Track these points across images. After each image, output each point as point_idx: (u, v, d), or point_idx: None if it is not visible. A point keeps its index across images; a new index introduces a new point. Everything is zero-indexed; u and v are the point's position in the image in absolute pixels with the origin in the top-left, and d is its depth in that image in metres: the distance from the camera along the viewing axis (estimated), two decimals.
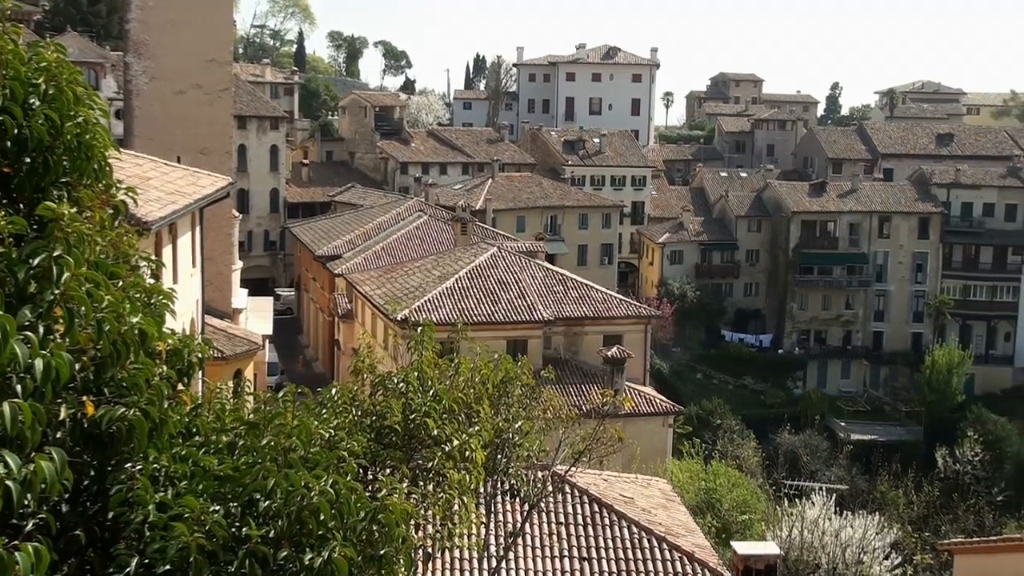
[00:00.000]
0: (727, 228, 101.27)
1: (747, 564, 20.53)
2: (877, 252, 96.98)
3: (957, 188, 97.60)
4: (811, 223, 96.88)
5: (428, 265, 55.19)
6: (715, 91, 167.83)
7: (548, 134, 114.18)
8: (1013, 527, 44.77)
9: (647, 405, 47.35)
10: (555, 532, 21.81)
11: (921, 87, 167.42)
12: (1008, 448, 78.73)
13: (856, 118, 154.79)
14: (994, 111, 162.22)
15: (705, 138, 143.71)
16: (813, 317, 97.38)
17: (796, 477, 57.13)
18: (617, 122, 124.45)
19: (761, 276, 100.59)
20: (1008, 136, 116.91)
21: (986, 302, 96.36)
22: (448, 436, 12.34)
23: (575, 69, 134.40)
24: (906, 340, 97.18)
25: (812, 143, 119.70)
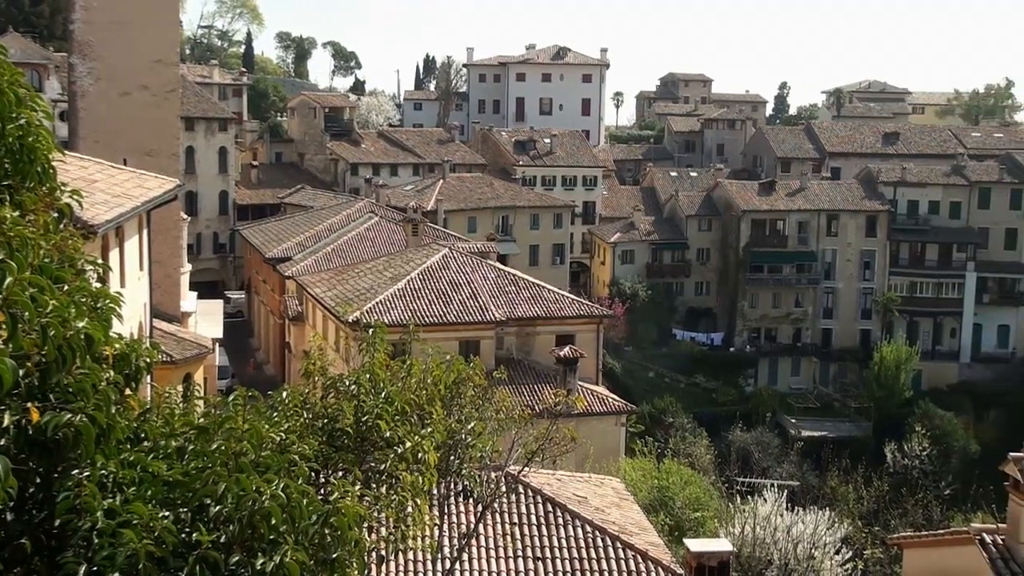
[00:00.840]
0: (678, 227, 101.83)
1: (700, 561, 20.61)
2: (826, 250, 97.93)
3: (903, 186, 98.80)
4: (761, 222, 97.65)
5: (379, 266, 54.98)
6: (664, 91, 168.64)
7: (499, 134, 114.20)
8: (960, 520, 45.34)
9: (600, 404, 47.49)
10: (509, 533, 21.81)
11: (867, 87, 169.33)
12: (955, 442, 79.86)
13: (804, 117, 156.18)
14: (938, 110, 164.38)
15: (655, 138, 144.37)
16: (763, 315, 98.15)
17: (748, 474, 57.52)
18: (567, 122, 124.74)
19: (712, 275, 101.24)
20: (952, 135, 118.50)
21: (932, 299, 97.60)
22: (401, 438, 12.29)
23: (525, 69, 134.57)
24: (855, 337, 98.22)
25: (761, 142, 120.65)
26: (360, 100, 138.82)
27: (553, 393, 37.85)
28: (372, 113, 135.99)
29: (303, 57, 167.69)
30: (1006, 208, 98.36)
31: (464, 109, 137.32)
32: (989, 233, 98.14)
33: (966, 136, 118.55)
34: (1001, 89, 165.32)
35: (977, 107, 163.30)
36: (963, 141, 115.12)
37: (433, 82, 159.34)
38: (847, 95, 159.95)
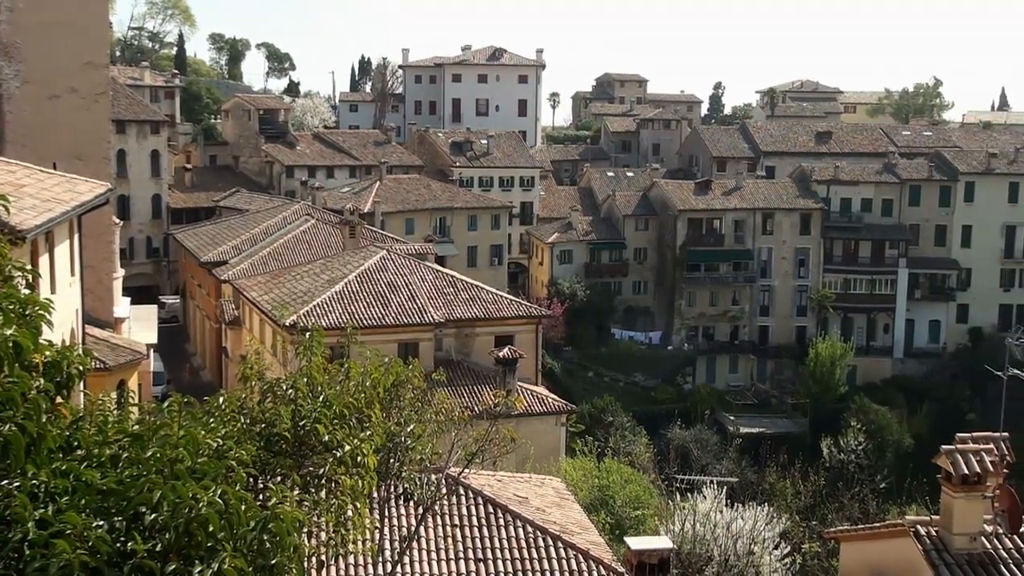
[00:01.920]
0: (615, 227, 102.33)
1: (641, 559, 20.71)
2: (761, 248, 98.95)
3: (836, 184, 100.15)
4: (697, 221, 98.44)
5: (316, 269, 54.61)
6: (600, 91, 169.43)
7: (435, 136, 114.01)
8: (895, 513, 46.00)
9: (539, 405, 47.55)
10: (450, 534, 21.75)
11: (800, 86, 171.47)
12: (889, 436, 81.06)
13: (739, 117, 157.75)
14: (870, 109, 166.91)
15: (592, 138, 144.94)
16: (701, 313, 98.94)
17: (687, 471, 57.81)
18: (504, 123, 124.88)
19: (649, 274, 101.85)
20: (883, 133, 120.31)
21: (865, 295, 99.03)
22: (339, 442, 12.22)
23: (461, 70, 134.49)
24: (791, 334, 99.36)
25: (696, 142, 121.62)
26: (295, 102, 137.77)
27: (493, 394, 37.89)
28: (307, 115, 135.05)
29: (236, 59, 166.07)
30: (936, 205, 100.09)
31: (400, 110, 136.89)
32: (920, 230, 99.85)
33: (896, 135, 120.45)
34: (929, 88, 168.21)
35: (907, 106, 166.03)
36: (894, 140, 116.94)
37: (369, 83, 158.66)
38: (780, 95, 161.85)
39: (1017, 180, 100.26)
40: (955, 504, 17.52)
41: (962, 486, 17.46)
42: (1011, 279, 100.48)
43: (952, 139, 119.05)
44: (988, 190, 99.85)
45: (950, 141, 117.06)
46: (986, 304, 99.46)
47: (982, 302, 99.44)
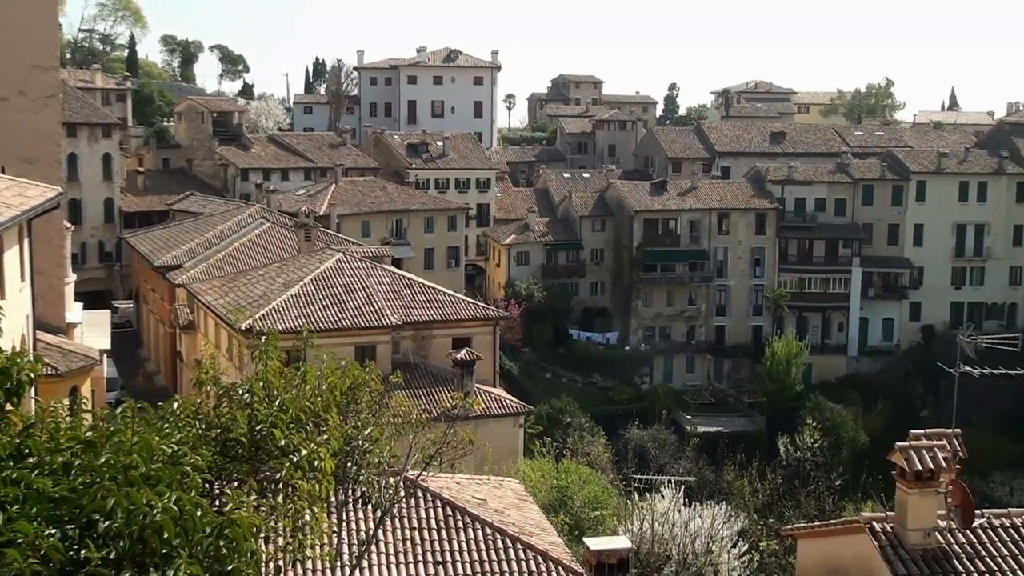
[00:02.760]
0: (572, 228, 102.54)
1: (600, 559, 20.76)
2: (717, 248, 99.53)
3: (791, 184, 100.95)
4: (653, 221, 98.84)
5: (272, 273, 54.28)
6: (556, 93, 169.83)
7: (391, 138, 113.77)
8: (851, 510, 46.35)
9: (497, 406, 47.53)
10: (409, 538, 21.67)
11: (754, 87, 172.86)
12: (844, 434, 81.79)
13: (694, 118, 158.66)
14: (823, 109, 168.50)
15: (547, 139, 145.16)
16: (658, 313, 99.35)
17: (645, 471, 58.02)
18: (460, 125, 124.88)
19: (606, 275, 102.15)
20: (836, 133, 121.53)
21: (820, 294, 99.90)
22: (296, 446, 12.14)
23: (416, 72, 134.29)
24: (747, 333, 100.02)
25: (652, 143, 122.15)
26: (249, 104, 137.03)
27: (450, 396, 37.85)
28: (262, 117, 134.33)
29: (189, 61, 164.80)
30: (888, 204, 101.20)
31: (355, 112, 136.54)
32: (873, 229, 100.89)
33: (849, 135, 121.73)
34: (881, 89, 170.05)
35: (859, 106, 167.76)
36: (846, 140, 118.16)
37: (323, 85, 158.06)
38: (735, 95, 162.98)
39: (967, 179, 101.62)
40: (909, 500, 17.69)
41: (916, 482, 17.63)
42: (962, 277, 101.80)
43: (904, 139, 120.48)
44: (939, 189, 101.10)
45: (902, 141, 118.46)
46: (938, 302, 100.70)
47: (934, 300, 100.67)
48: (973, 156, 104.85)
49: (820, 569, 20.63)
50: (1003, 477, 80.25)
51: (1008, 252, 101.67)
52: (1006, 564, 17.47)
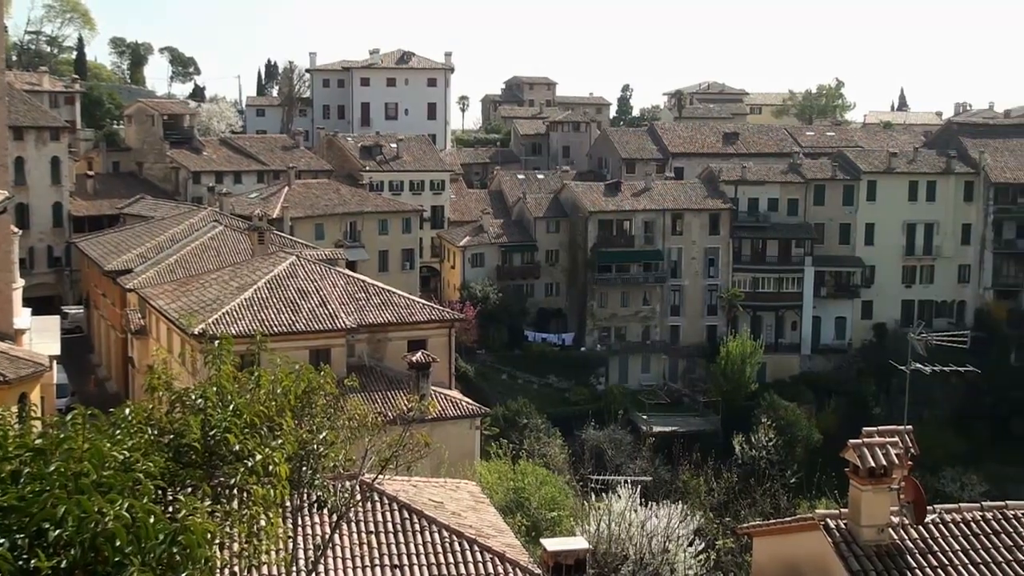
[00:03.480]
0: (526, 229, 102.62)
1: (557, 560, 20.77)
2: (671, 249, 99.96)
3: (744, 185, 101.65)
4: (608, 222, 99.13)
5: (225, 276, 53.84)
6: (509, 94, 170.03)
7: (344, 140, 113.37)
8: (806, 507, 46.77)
9: (453, 408, 47.44)
10: (365, 542, 21.57)
11: (707, 88, 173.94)
12: (798, 432, 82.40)
13: (647, 119, 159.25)
14: (775, 110, 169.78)
15: (501, 141, 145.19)
16: (613, 314, 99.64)
17: (602, 471, 58.20)
18: (414, 127, 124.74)
19: (561, 276, 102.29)
20: (788, 134, 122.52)
21: (773, 293, 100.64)
22: (250, 451, 12.05)
23: (369, 74, 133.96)
24: (701, 333, 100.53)
25: (606, 144, 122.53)
26: (201, 107, 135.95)
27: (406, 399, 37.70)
28: (213, 120, 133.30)
29: (139, 63, 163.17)
30: (839, 204, 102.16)
31: (308, 115, 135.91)
32: (825, 228, 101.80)
33: (801, 135, 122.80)
34: (832, 89, 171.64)
35: (810, 107, 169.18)
36: (798, 140, 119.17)
37: (276, 88, 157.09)
38: (688, 97, 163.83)
39: (917, 179, 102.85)
40: (863, 497, 17.85)
41: (869, 479, 17.79)
42: (912, 276, 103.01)
43: (854, 139, 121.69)
44: (889, 189, 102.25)
45: (852, 141, 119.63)
46: (889, 300, 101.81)
47: (885, 298, 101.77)
48: (922, 156, 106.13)
49: (776, 566, 20.76)
50: (954, 473, 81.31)
51: (956, 250, 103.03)
52: (957, 559, 17.67)
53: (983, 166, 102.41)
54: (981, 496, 68.21)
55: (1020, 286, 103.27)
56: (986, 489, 77.27)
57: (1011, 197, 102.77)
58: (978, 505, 19.12)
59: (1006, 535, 18.24)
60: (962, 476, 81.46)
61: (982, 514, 18.70)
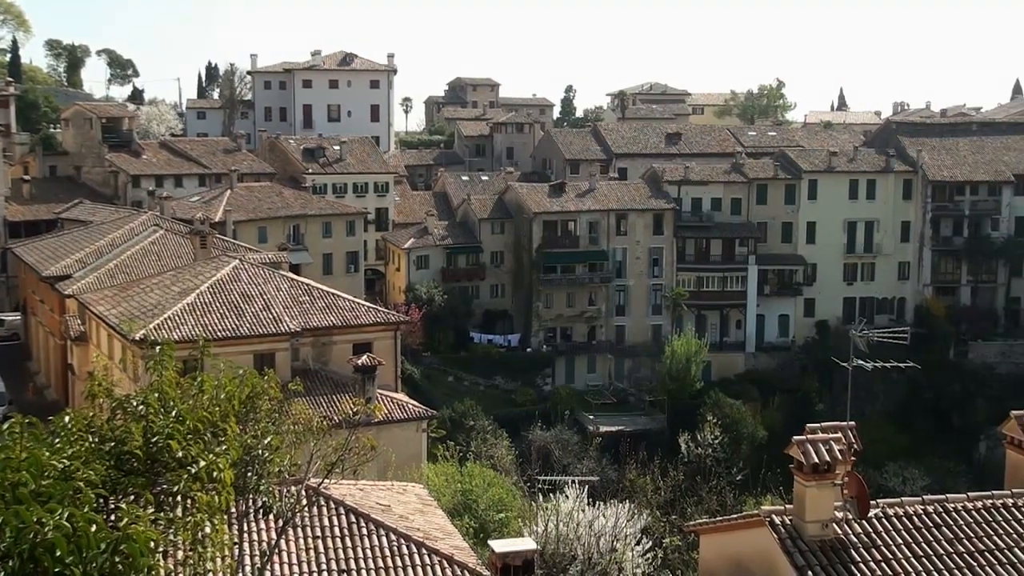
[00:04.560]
0: (471, 231, 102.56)
1: (505, 562, 20.76)
2: (616, 249, 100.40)
3: (687, 185, 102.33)
4: (552, 223, 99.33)
5: (166, 281, 53.23)
6: (453, 96, 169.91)
7: (287, 142, 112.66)
8: (752, 504, 47.09)
9: (400, 411, 47.27)
10: (312, 547, 21.41)
11: (649, 89, 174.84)
12: (744, 429, 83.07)
13: (590, 120, 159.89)
14: (717, 110, 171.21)
15: (445, 143, 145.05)
16: (558, 315, 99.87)
17: (549, 472, 58.31)
18: (357, 129, 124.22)
19: (506, 277, 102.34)
20: (730, 134, 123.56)
21: (718, 292, 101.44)
22: (194, 457, 11.92)
23: (311, 76, 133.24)
24: (647, 332, 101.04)
25: (550, 145, 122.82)
26: (140, 110, 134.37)
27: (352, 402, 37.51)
28: (153, 123, 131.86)
29: (76, 66, 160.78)
30: (781, 203, 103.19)
31: (250, 117, 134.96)
32: (767, 227, 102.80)
33: (743, 135, 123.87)
34: (773, 89, 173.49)
35: (752, 107, 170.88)
36: (740, 140, 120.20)
37: (217, 90, 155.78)
38: (631, 97, 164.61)
39: (857, 178, 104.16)
40: (807, 493, 18.01)
41: (813, 475, 17.96)
42: (853, 273, 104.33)
43: (795, 139, 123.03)
44: (830, 188, 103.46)
45: (793, 141, 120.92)
46: (831, 298, 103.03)
47: (827, 296, 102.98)
48: (862, 155, 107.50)
49: (722, 563, 20.89)
50: (896, 467, 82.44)
51: (896, 248, 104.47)
52: (900, 552, 17.90)
53: (921, 165, 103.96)
54: (923, 490, 69.26)
55: (958, 282, 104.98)
56: (927, 483, 78.47)
57: (948, 195, 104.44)
58: (919, 499, 19.37)
59: (947, 528, 18.51)
60: (904, 470, 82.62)
61: (923, 507, 18.96)
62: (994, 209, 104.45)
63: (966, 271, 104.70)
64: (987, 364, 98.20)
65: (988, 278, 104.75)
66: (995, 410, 76.40)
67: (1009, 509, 19.11)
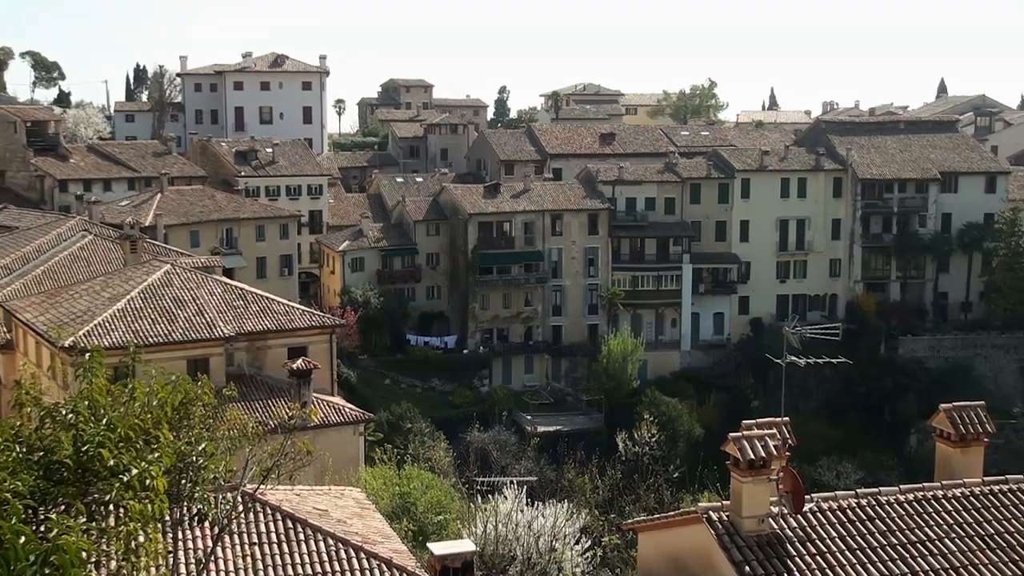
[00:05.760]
0: (406, 233, 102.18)
1: (444, 564, 20.67)
2: (551, 249, 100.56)
3: (621, 184, 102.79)
4: (488, 224, 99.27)
5: (96, 287, 52.32)
6: (386, 97, 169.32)
7: (218, 145, 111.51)
8: (689, 501, 47.44)
9: (336, 415, 46.96)
10: (249, 554, 21.17)
11: (583, 89, 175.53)
12: (680, 427, 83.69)
13: (524, 120, 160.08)
14: (650, 111, 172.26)
15: (379, 144, 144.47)
16: (495, 315, 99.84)
17: (488, 473, 58.23)
18: (289, 131, 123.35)
19: (443, 279, 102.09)
20: (663, 134, 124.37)
21: (653, 291, 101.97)
22: (126, 465, 11.72)
23: (243, 78, 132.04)
24: (583, 332, 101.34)
25: (484, 146, 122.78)
26: (66, 113, 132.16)
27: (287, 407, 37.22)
28: (80, 126, 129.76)
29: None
30: (715, 202, 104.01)
31: (180, 120, 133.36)
32: (701, 226, 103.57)
33: (676, 135, 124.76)
34: (705, 89, 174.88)
35: (684, 107, 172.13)
36: (673, 140, 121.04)
37: (145, 93, 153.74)
38: (564, 98, 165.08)
39: (788, 176, 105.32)
40: (743, 488, 18.15)
41: (749, 471, 18.10)
42: (786, 271, 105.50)
43: (728, 138, 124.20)
44: (762, 186, 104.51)
45: (726, 140, 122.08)
46: (764, 295, 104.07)
47: (761, 293, 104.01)
48: (793, 154, 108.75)
49: (661, 560, 20.99)
50: (829, 462, 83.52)
51: (827, 245, 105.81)
52: (835, 545, 18.11)
53: (851, 163, 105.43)
54: (856, 483, 70.23)
55: (887, 279, 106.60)
56: (860, 476, 79.65)
57: (877, 193, 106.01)
58: (853, 492, 19.61)
59: (880, 520, 18.76)
60: (837, 465, 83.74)
61: (857, 501, 19.20)
62: (921, 206, 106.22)
63: (895, 267, 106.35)
64: (916, 358, 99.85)
65: (916, 274, 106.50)
66: (925, 404, 77.93)
67: (939, 500, 19.43)
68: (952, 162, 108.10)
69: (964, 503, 19.45)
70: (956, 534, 18.66)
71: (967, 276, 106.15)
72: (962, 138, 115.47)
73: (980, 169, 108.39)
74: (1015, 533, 18.82)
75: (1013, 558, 18.25)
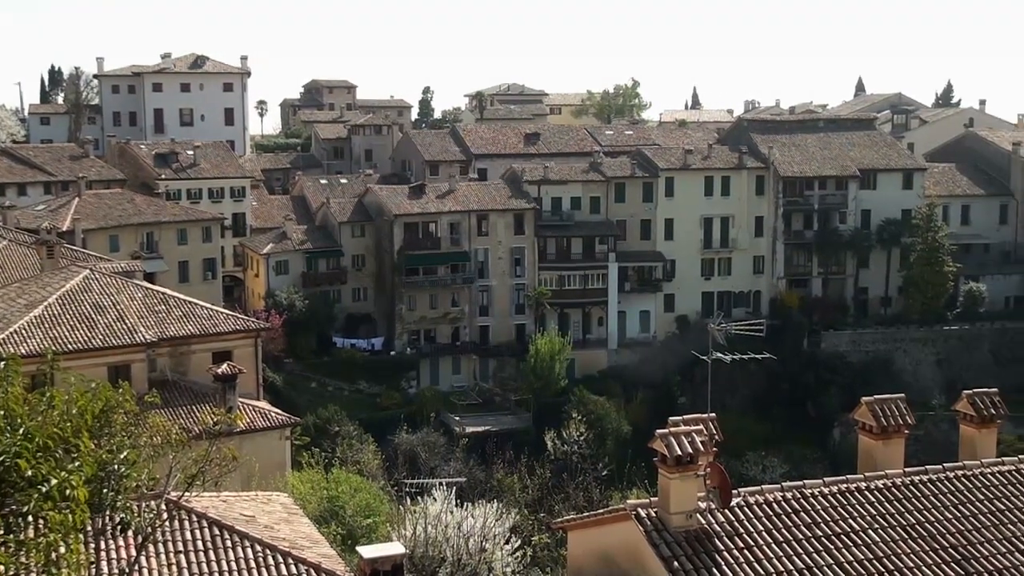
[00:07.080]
0: (331, 235, 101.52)
1: (374, 567, 20.50)
2: (478, 249, 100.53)
3: (546, 184, 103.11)
4: (413, 225, 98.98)
5: (11, 294, 51.20)
6: (309, 98, 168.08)
7: (137, 148, 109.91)
8: (618, 498, 47.72)
9: (262, 420, 46.45)
10: (174, 562, 20.83)
11: (507, 89, 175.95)
12: (608, 425, 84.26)
13: (449, 121, 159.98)
14: (574, 110, 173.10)
15: (302, 146, 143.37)
16: (422, 317, 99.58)
17: (416, 475, 58.17)
18: (211, 133, 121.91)
19: (369, 280, 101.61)
20: (588, 133, 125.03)
21: (579, 290, 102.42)
22: (45, 475, 11.48)
23: (162, 79, 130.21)
24: (510, 332, 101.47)
25: (409, 147, 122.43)
26: None
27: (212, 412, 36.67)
28: None
29: None
30: (639, 201, 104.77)
31: (98, 122, 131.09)
32: (626, 225, 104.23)
33: (600, 134, 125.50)
34: (628, 89, 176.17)
35: (608, 107, 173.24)
36: (598, 139, 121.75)
37: (61, 95, 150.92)
38: (488, 98, 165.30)
39: (711, 174, 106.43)
40: (671, 485, 18.26)
41: (676, 467, 18.20)
42: (710, 268, 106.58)
43: (651, 137, 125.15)
44: (686, 185, 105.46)
45: (650, 139, 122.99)
46: (689, 293, 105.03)
47: (686, 291, 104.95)
48: (716, 152, 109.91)
49: (591, 558, 21.05)
50: (756, 456, 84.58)
51: (751, 243, 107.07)
52: (762, 539, 18.30)
53: (772, 161, 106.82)
54: (781, 477, 71.23)
55: (809, 275, 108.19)
56: (786, 470, 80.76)
57: (798, 190, 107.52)
58: (779, 486, 19.82)
59: (805, 513, 19.00)
60: (764, 459, 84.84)
61: (783, 494, 19.42)
62: (842, 203, 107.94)
63: (817, 263, 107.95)
64: (839, 353, 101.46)
65: (837, 270, 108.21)
66: (847, 397, 79.34)
67: (862, 492, 19.74)
68: (871, 159, 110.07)
69: (886, 494, 19.77)
70: (879, 525, 18.96)
71: (886, 271, 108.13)
72: (880, 136, 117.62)
73: (897, 166, 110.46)
74: (935, 523, 19.18)
75: (934, 547, 18.59)
